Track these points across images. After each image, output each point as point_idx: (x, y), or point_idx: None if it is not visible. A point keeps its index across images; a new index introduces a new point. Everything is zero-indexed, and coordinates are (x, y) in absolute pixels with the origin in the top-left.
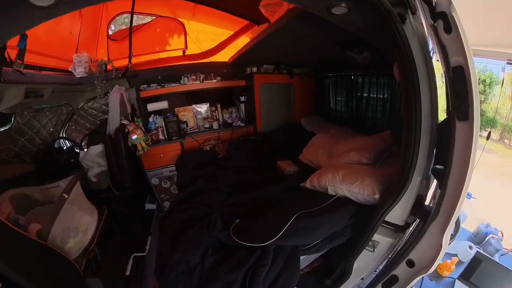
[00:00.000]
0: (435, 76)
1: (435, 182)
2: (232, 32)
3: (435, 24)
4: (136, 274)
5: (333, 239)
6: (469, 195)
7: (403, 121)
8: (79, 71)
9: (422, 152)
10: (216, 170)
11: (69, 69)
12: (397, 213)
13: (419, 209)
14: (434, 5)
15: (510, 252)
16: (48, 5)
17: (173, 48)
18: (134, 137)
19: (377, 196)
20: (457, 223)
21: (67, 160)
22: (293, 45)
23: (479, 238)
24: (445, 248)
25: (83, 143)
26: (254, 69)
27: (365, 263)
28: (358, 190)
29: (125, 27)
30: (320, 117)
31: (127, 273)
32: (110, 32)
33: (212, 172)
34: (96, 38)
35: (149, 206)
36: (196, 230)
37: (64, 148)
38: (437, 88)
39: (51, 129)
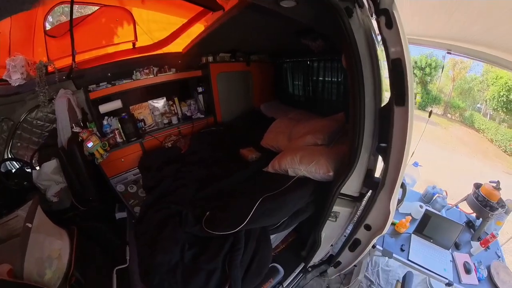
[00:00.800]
0: (379, 65)
1: None
2: (185, 20)
3: (379, 19)
4: (122, 286)
5: (298, 216)
6: (416, 164)
7: (350, 106)
8: (16, 78)
9: (368, 132)
10: (181, 166)
11: (3, 77)
12: (352, 186)
13: (369, 181)
14: (378, 1)
15: (454, 207)
16: None
17: (122, 41)
18: (89, 144)
19: (331, 173)
20: (404, 189)
21: (19, 184)
22: (248, 34)
23: (427, 198)
24: (393, 211)
25: (33, 161)
26: (210, 58)
27: (331, 232)
28: (315, 169)
29: (66, 20)
30: (279, 102)
31: None
32: (48, 27)
33: (177, 170)
34: (32, 35)
35: (119, 215)
36: (170, 229)
37: (13, 171)
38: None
39: None
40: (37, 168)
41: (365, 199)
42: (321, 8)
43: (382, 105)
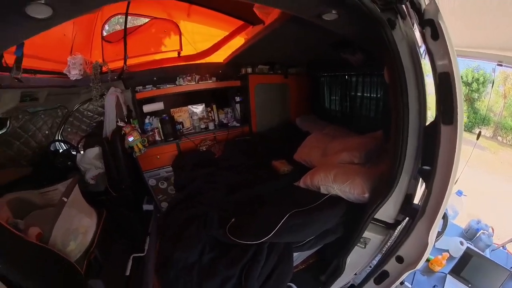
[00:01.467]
0: (423, 80)
1: None
2: (227, 33)
3: (424, 30)
4: (136, 274)
5: (325, 237)
6: (460, 193)
7: (392, 122)
8: (74, 74)
9: (410, 153)
10: (213, 170)
11: (64, 72)
12: (387, 211)
13: (407, 208)
14: (422, 12)
15: (501, 248)
16: (46, 17)
17: (168, 50)
18: (130, 139)
19: (366, 195)
20: (445, 220)
21: (63, 163)
22: (287, 47)
23: (470, 234)
24: (431, 245)
25: (79, 146)
26: (249, 70)
27: (358, 259)
28: (349, 189)
29: (120, 28)
30: (315, 116)
31: (127, 273)
32: (105, 33)
33: (209, 173)
34: (91, 39)
35: (146, 206)
36: (194, 228)
37: (61, 151)
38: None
39: (47, 132)
40: (82, 152)
41: (400, 227)
42: (363, 21)
43: (427, 123)
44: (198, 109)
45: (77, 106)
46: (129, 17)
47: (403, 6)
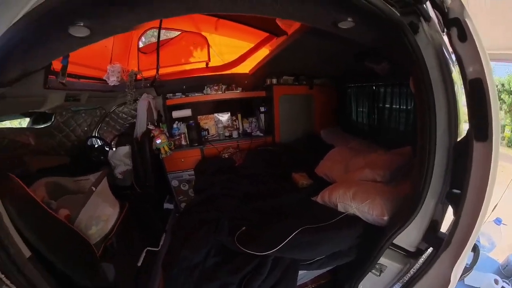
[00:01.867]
0: (454, 89)
1: None
2: (252, 45)
3: (449, 32)
4: (147, 266)
5: (336, 258)
6: (498, 221)
7: (418, 138)
8: (112, 80)
9: (437, 173)
10: (231, 177)
11: (104, 78)
12: (408, 238)
13: (432, 236)
14: (446, 11)
15: None
16: (85, 36)
17: (197, 61)
18: (158, 141)
19: (386, 217)
20: (476, 253)
21: (97, 157)
22: (310, 57)
23: (508, 270)
24: (455, 282)
25: (112, 143)
26: (274, 81)
27: (371, 287)
28: (368, 209)
29: (154, 40)
30: (341, 129)
31: (139, 264)
32: (141, 45)
33: (227, 179)
34: (128, 51)
35: (167, 205)
36: (204, 231)
37: (96, 146)
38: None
39: (85, 128)
40: (114, 149)
41: (423, 257)
42: (382, 27)
43: (459, 139)
44: (224, 117)
45: (113, 108)
46: (162, 30)
47: (427, 7)
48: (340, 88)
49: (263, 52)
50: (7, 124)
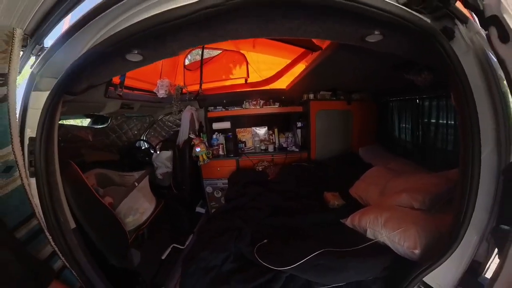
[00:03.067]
0: (507, 102)
1: None
2: (289, 61)
3: (489, 33)
4: (170, 261)
5: None
6: None
7: (459, 160)
8: (161, 93)
9: (482, 203)
10: (262, 190)
11: (154, 91)
12: (442, 278)
13: (470, 280)
14: (482, 9)
15: None
16: (138, 61)
17: (237, 77)
18: (197, 149)
19: (417, 251)
20: None
21: (143, 157)
22: (346, 72)
23: None
24: None
25: (157, 147)
26: (311, 96)
27: None
28: (399, 239)
29: (199, 59)
30: (381, 148)
31: (163, 257)
32: (187, 62)
33: (258, 192)
34: (175, 67)
35: (199, 209)
36: (226, 237)
37: (143, 148)
38: None
39: (135, 132)
40: (158, 152)
41: None
42: (413, 36)
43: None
44: (261, 131)
45: (160, 116)
46: (205, 50)
47: (459, 7)
48: (380, 102)
49: (299, 68)
50: (71, 121)
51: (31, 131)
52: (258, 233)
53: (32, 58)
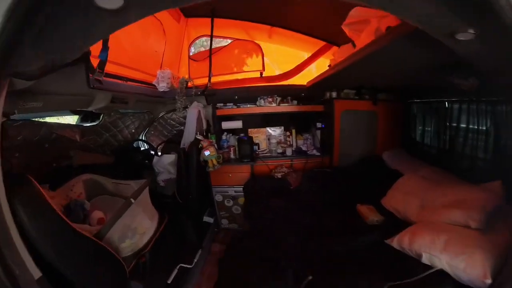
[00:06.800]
0: None
1: None
2: (309, 54)
3: None
4: (177, 284)
5: None
6: None
7: None
8: (162, 86)
9: None
10: (287, 204)
11: (153, 83)
12: None
13: None
14: None
15: None
16: (117, 8)
17: (251, 70)
18: (207, 153)
19: (488, 281)
20: None
21: (141, 160)
22: (385, 68)
23: None
24: None
25: (158, 148)
26: (334, 94)
27: None
28: (464, 266)
29: (204, 49)
30: (405, 152)
31: (169, 281)
32: (191, 52)
33: (283, 206)
34: (179, 57)
35: (207, 219)
36: (259, 274)
37: (141, 149)
38: None
39: (133, 131)
40: (159, 154)
41: None
42: (504, 41)
43: None
44: (276, 132)
45: (162, 113)
46: (214, 38)
47: None
48: (406, 103)
49: (322, 62)
50: (53, 119)
51: None
52: (297, 263)
53: None
